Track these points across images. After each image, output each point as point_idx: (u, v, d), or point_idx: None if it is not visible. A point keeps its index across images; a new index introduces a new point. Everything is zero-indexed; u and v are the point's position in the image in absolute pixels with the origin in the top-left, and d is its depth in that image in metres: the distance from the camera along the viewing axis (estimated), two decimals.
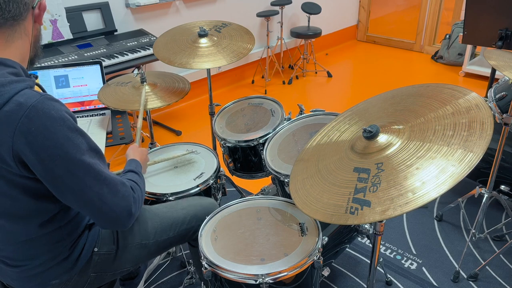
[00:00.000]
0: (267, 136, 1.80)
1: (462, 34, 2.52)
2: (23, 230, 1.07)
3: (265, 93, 4.06)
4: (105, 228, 1.18)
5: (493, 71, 2.59)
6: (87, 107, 2.19)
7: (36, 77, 1.08)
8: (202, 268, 1.26)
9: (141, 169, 1.32)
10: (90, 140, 1.04)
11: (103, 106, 2.19)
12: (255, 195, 1.77)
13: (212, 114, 2.24)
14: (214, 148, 2.28)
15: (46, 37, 2.67)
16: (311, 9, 4.21)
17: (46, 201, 1.05)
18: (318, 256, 1.26)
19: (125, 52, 2.75)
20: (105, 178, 1.03)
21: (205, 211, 1.46)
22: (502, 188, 2.08)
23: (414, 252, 2.10)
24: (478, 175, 2.22)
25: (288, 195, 1.56)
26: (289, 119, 1.88)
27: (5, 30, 0.99)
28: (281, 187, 1.65)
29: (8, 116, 0.92)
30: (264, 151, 1.71)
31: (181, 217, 1.41)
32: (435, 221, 2.30)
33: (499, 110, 1.93)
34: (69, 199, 1.02)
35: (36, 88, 1.03)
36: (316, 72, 4.55)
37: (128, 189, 1.10)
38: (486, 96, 2.12)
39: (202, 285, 1.68)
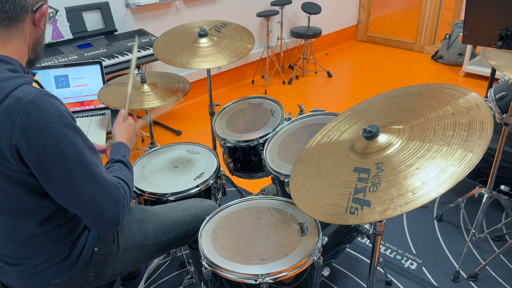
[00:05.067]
0: (267, 136, 1.80)
1: (462, 34, 2.52)
2: (22, 227, 1.07)
3: (265, 93, 4.05)
4: (93, 229, 1.18)
5: (493, 71, 2.59)
6: (87, 107, 2.19)
7: (34, 75, 1.08)
8: (202, 268, 1.26)
9: (129, 154, 1.30)
10: (87, 138, 1.04)
11: (103, 106, 2.19)
12: (255, 195, 1.76)
13: (212, 114, 2.24)
14: (214, 148, 2.28)
15: (46, 37, 2.66)
16: (311, 9, 4.21)
17: (44, 198, 1.05)
18: (318, 256, 1.26)
19: (125, 52, 2.75)
20: (99, 180, 1.03)
21: (205, 213, 1.46)
22: (502, 188, 2.08)
23: (414, 252, 2.10)
24: (478, 175, 2.22)
25: (288, 195, 1.56)
26: (289, 119, 1.88)
27: (1, 30, 0.99)
28: (281, 187, 1.65)
29: (7, 111, 0.92)
30: (264, 151, 1.71)
31: (182, 219, 1.41)
32: (435, 221, 2.30)
33: (499, 110, 1.93)
34: (62, 197, 1.02)
35: (34, 84, 1.03)
36: (316, 72, 4.55)
37: (120, 193, 1.08)
38: (486, 96, 2.12)
39: (202, 285, 1.67)
